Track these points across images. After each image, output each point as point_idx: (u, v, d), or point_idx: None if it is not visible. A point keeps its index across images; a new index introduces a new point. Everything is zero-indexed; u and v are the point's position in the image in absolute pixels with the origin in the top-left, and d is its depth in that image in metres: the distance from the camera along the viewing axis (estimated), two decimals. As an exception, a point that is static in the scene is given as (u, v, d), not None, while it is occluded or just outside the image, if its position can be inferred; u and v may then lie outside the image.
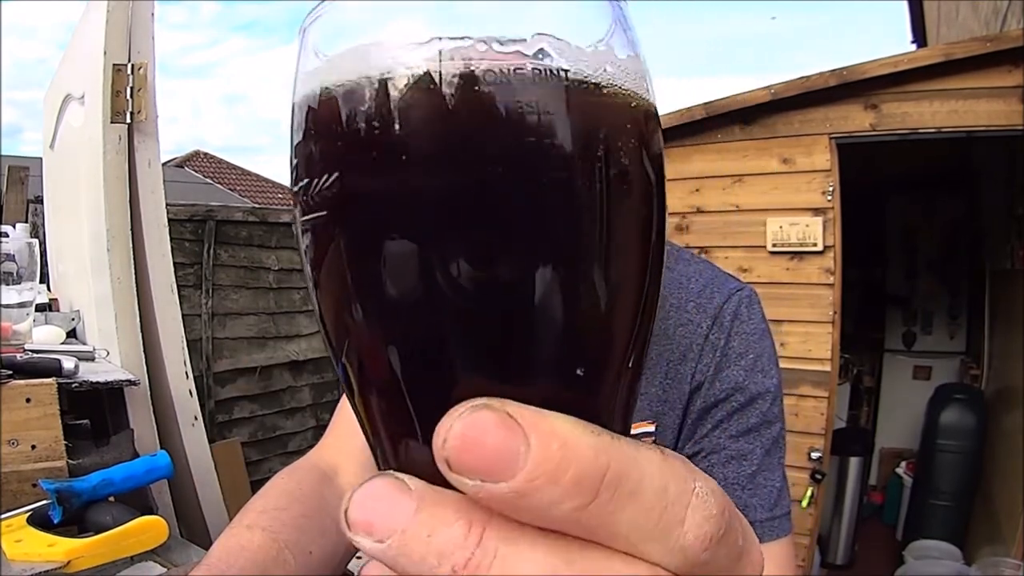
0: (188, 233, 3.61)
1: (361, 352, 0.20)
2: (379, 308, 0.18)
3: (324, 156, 0.18)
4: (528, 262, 0.17)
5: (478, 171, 0.17)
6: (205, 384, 3.64)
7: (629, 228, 0.19)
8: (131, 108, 1.62)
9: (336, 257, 0.19)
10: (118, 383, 1.46)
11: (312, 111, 0.19)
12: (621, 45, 0.19)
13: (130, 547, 1.00)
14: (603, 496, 0.16)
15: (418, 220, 0.17)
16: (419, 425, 0.19)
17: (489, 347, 0.18)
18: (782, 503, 0.76)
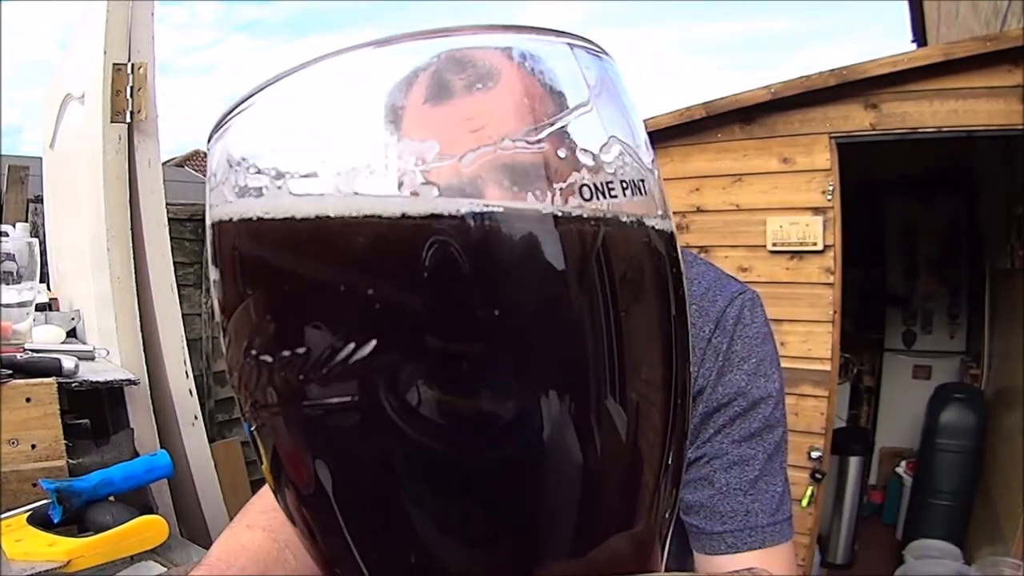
0: (188, 232, 3.61)
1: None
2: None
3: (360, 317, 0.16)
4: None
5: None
6: (205, 383, 3.64)
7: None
8: (131, 108, 1.62)
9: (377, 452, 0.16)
10: (118, 382, 1.45)
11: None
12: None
13: (130, 547, 1.00)
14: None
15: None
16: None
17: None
18: (783, 508, 0.76)
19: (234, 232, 0.17)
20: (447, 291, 0.15)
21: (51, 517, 0.99)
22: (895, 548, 3.66)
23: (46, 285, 2.25)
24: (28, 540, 0.94)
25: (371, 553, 0.16)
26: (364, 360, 0.14)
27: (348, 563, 0.16)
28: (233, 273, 0.18)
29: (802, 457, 2.68)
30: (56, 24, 60.01)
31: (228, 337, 0.19)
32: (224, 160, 0.19)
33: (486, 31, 0.16)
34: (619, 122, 0.18)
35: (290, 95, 0.18)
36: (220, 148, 0.19)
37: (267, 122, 0.18)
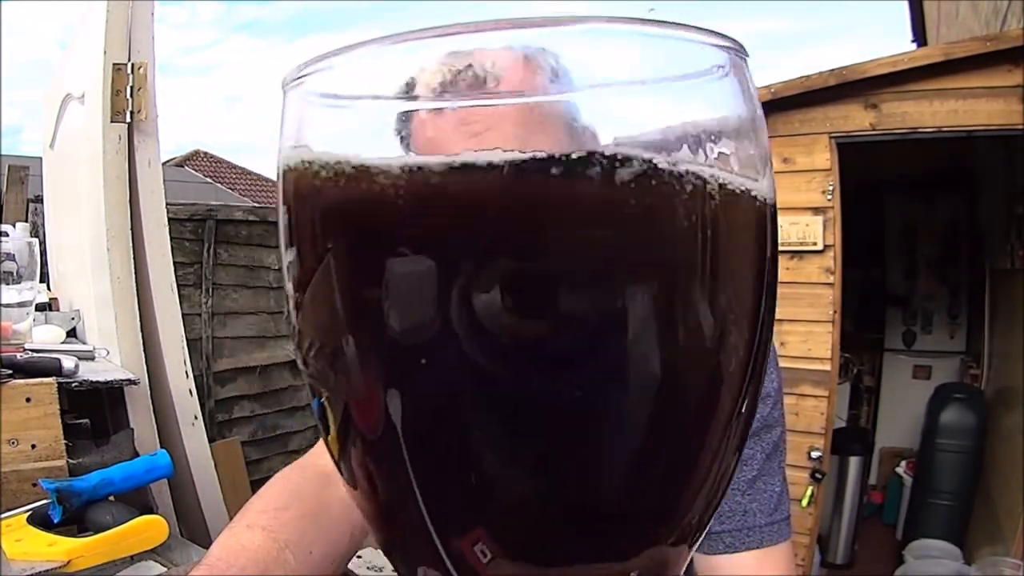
0: (188, 232, 3.61)
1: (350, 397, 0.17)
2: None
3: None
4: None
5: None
6: (205, 383, 3.64)
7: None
8: (131, 107, 1.62)
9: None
10: (118, 382, 1.45)
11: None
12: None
13: (130, 546, 1.00)
14: None
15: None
16: (424, 504, 0.16)
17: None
18: (782, 508, 0.76)
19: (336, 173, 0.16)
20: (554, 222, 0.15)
21: (51, 517, 0.99)
22: (895, 548, 3.66)
23: (46, 285, 2.25)
24: (28, 540, 0.94)
25: (436, 497, 0.16)
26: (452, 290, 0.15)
27: (411, 510, 0.16)
28: (314, 217, 0.18)
29: (802, 457, 2.68)
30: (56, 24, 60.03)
31: (301, 279, 0.17)
32: (305, 105, 0.18)
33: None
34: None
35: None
36: (302, 93, 0.18)
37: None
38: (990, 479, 3.34)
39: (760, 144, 0.17)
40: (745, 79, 0.17)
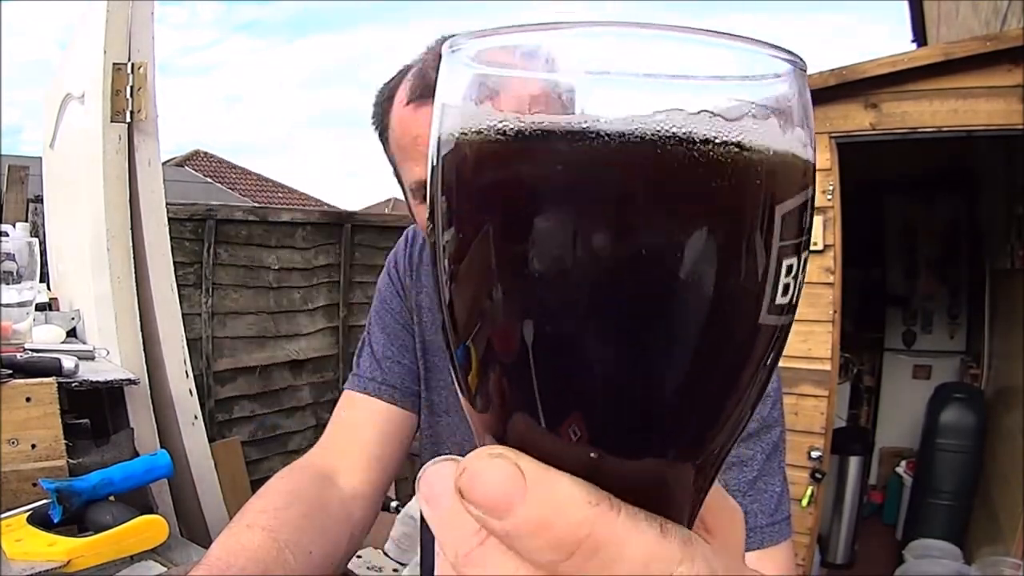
0: (188, 232, 3.61)
1: (494, 333, 0.20)
2: (522, 290, 0.20)
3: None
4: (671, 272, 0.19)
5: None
6: (205, 383, 3.64)
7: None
8: (131, 107, 1.62)
9: (485, 244, 0.20)
10: (118, 382, 1.46)
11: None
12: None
13: (130, 546, 1.00)
14: (576, 559, 0.18)
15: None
16: (541, 404, 0.20)
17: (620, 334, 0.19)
18: (782, 508, 0.76)
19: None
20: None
21: (51, 517, 0.99)
22: (895, 548, 3.66)
23: (46, 285, 2.25)
24: (28, 540, 0.94)
25: (551, 398, 0.20)
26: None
27: (530, 413, 0.20)
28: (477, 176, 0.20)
29: (802, 457, 2.68)
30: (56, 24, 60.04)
31: (453, 231, 0.21)
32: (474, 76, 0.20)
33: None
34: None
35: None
36: (472, 65, 0.21)
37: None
38: (990, 479, 3.34)
39: (809, 127, 0.21)
40: (804, 84, 0.21)
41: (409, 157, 0.75)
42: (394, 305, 0.98)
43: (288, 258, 4.07)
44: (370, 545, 2.79)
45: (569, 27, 0.19)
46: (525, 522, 0.18)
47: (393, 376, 0.93)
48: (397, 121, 0.76)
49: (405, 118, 0.74)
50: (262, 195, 14.15)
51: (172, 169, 12.20)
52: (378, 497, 0.89)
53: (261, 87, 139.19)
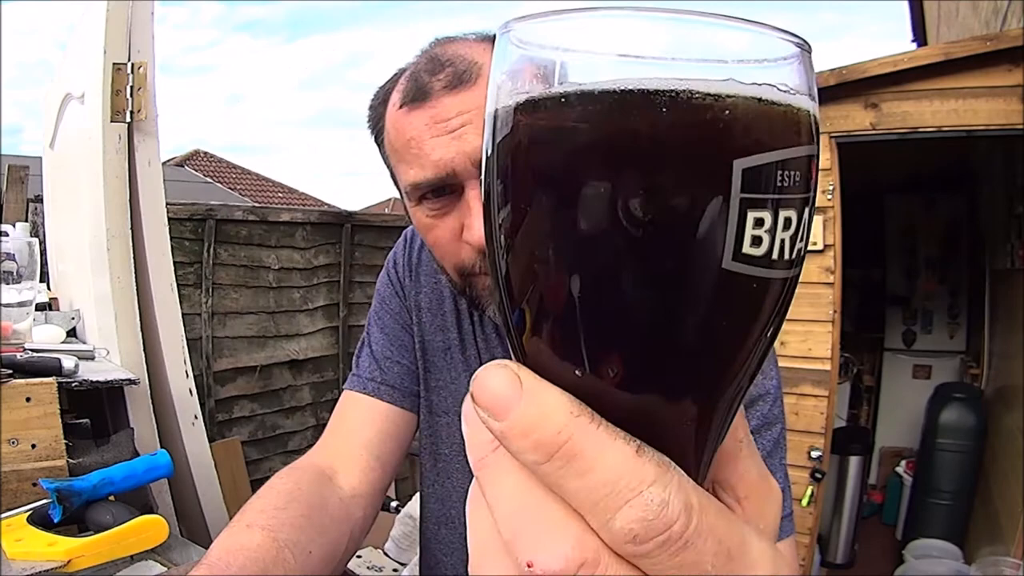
0: (188, 232, 3.61)
1: (546, 293, 0.23)
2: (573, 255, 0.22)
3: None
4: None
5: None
6: (205, 383, 3.64)
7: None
8: (131, 107, 1.62)
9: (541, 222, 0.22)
10: (118, 382, 1.46)
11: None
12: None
13: (130, 546, 1.00)
14: (554, 463, 0.21)
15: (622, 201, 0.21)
16: (586, 348, 0.22)
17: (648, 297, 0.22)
18: (784, 504, 0.76)
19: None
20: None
21: (51, 517, 0.99)
22: (895, 548, 3.66)
23: (46, 285, 2.25)
24: (28, 540, 0.94)
25: (594, 342, 0.22)
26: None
27: (576, 356, 0.22)
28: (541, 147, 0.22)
29: (802, 457, 2.68)
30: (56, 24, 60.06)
31: (512, 196, 0.23)
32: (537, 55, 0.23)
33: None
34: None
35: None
36: (519, 46, 0.23)
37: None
38: (990, 479, 3.34)
39: (815, 99, 0.23)
40: (809, 64, 0.23)
41: (404, 160, 0.75)
42: (393, 305, 0.98)
43: (288, 258, 4.07)
44: (370, 545, 2.79)
45: (609, 10, 0.21)
46: (515, 423, 0.21)
47: (392, 376, 0.93)
48: (392, 125, 0.76)
49: (399, 121, 0.74)
50: (262, 195, 14.16)
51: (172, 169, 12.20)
52: (378, 497, 0.89)
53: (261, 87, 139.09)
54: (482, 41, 0.75)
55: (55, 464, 1.17)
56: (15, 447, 1.15)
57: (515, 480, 0.22)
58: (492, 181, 0.23)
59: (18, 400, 1.17)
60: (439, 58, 0.72)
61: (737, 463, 0.26)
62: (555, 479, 0.21)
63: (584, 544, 0.20)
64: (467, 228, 0.71)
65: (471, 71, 0.70)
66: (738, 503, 0.26)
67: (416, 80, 0.72)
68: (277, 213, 4.16)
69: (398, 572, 2.66)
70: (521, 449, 0.21)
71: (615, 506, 0.20)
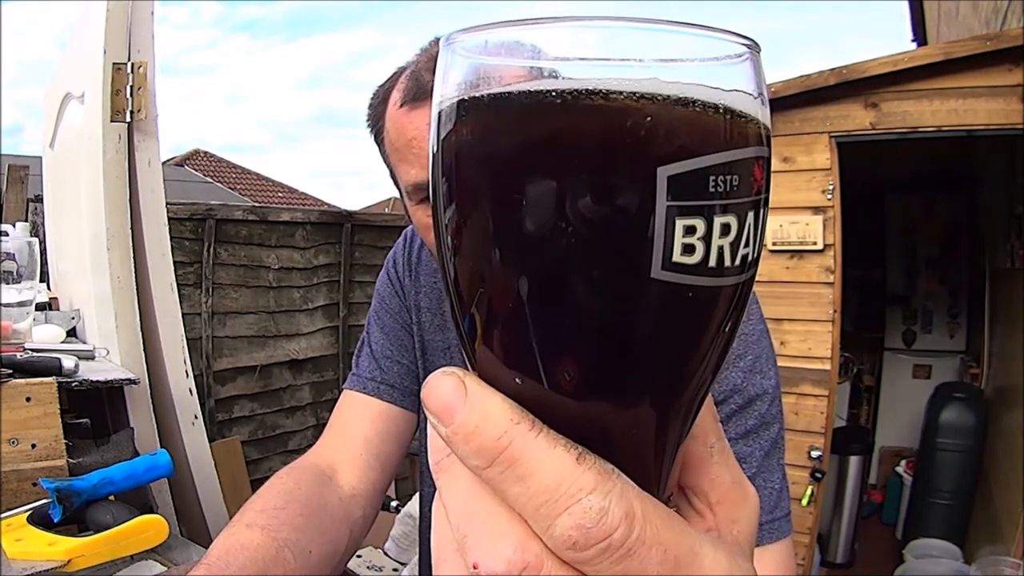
0: (188, 232, 3.61)
1: (482, 300, 0.23)
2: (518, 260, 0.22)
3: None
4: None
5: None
6: (205, 383, 3.64)
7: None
8: (131, 107, 1.62)
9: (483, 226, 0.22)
10: (118, 382, 1.46)
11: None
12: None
13: (130, 546, 1.00)
14: (495, 468, 0.21)
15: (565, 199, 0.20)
16: (539, 354, 0.22)
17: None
18: (782, 505, 0.76)
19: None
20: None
21: (51, 516, 0.99)
22: (895, 547, 3.66)
23: (46, 284, 2.25)
24: (28, 539, 0.94)
25: (546, 344, 0.22)
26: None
27: (529, 359, 0.22)
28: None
29: (802, 456, 2.68)
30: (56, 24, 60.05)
31: (459, 196, 0.23)
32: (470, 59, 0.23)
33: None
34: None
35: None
36: (464, 55, 0.23)
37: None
38: (990, 479, 3.34)
39: (765, 103, 0.23)
40: (756, 65, 0.23)
41: (404, 159, 0.75)
42: (393, 305, 0.98)
43: (288, 257, 4.07)
44: (370, 544, 2.79)
45: (549, 22, 0.21)
46: (459, 428, 0.21)
47: (392, 376, 0.93)
48: (392, 124, 0.76)
49: (400, 121, 0.74)
50: (262, 194, 14.15)
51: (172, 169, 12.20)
52: (378, 496, 0.89)
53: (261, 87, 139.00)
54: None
55: (55, 464, 1.17)
56: (15, 447, 1.15)
57: (465, 484, 0.22)
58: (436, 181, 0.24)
59: (18, 400, 1.18)
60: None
61: (708, 468, 0.26)
62: (497, 483, 0.21)
63: (527, 548, 0.21)
64: None
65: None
66: (709, 508, 0.26)
67: (417, 79, 0.72)
68: (277, 213, 4.16)
69: (398, 572, 2.66)
70: (465, 454, 0.22)
71: (555, 512, 0.20)
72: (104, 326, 1.67)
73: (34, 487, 1.10)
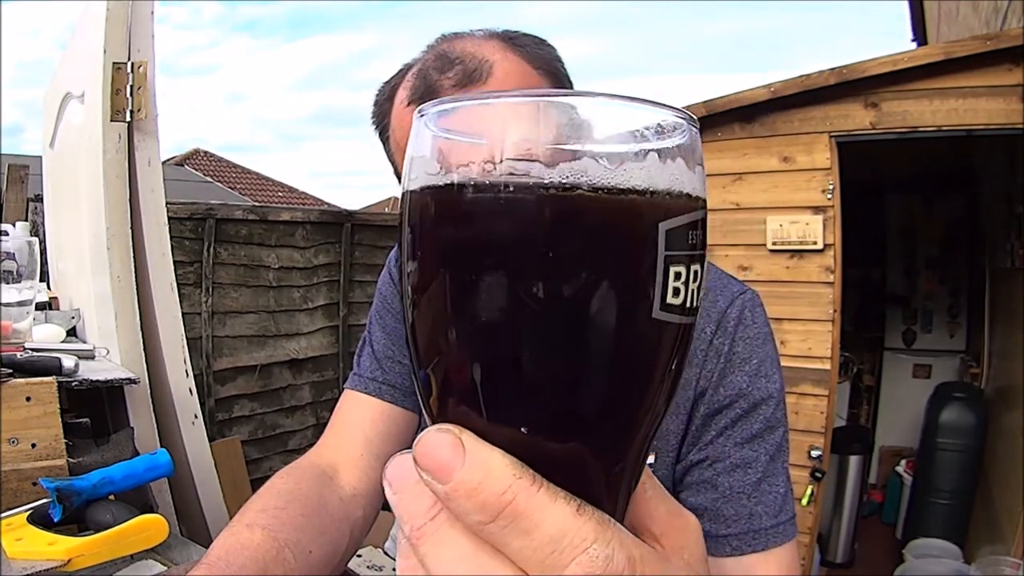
0: (188, 231, 3.61)
1: (449, 366, 0.24)
2: (472, 336, 0.24)
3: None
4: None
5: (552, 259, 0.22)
6: (205, 382, 3.64)
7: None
8: (131, 106, 1.62)
9: (442, 297, 0.24)
10: (118, 381, 1.45)
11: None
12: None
13: (130, 545, 1.00)
14: (499, 522, 0.21)
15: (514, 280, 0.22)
16: (484, 407, 0.24)
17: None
18: (786, 508, 0.76)
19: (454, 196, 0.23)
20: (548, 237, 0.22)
21: (51, 516, 0.99)
22: (895, 547, 3.66)
23: (46, 284, 2.25)
24: (28, 539, 0.94)
25: (493, 398, 0.23)
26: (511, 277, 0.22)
27: (476, 409, 0.24)
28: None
29: (802, 456, 2.68)
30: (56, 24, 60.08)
31: (420, 262, 0.25)
32: (434, 140, 0.25)
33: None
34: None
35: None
36: (431, 130, 0.25)
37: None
38: (990, 478, 3.34)
39: (699, 171, 0.26)
40: (695, 137, 0.26)
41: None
42: (395, 304, 0.98)
43: (288, 257, 4.07)
44: (370, 544, 2.79)
45: (509, 97, 0.23)
46: (460, 484, 0.22)
47: (394, 375, 0.93)
48: (398, 122, 0.76)
49: (406, 119, 0.73)
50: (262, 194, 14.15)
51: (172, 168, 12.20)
52: (378, 497, 0.89)
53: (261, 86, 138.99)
54: (490, 38, 0.74)
55: (55, 463, 1.17)
56: (15, 446, 1.15)
57: (461, 546, 0.22)
58: (406, 260, 0.25)
59: (18, 399, 1.17)
60: (448, 55, 0.71)
61: (645, 504, 0.27)
62: (500, 538, 0.21)
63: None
64: None
65: (481, 70, 0.69)
66: (657, 542, 0.26)
67: (425, 78, 0.71)
68: (277, 212, 4.16)
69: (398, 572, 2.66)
70: (466, 510, 0.22)
71: (562, 563, 0.21)
72: (104, 326, 1.67)
73: (34, 487, 1.10)
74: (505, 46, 0.73)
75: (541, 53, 0.75)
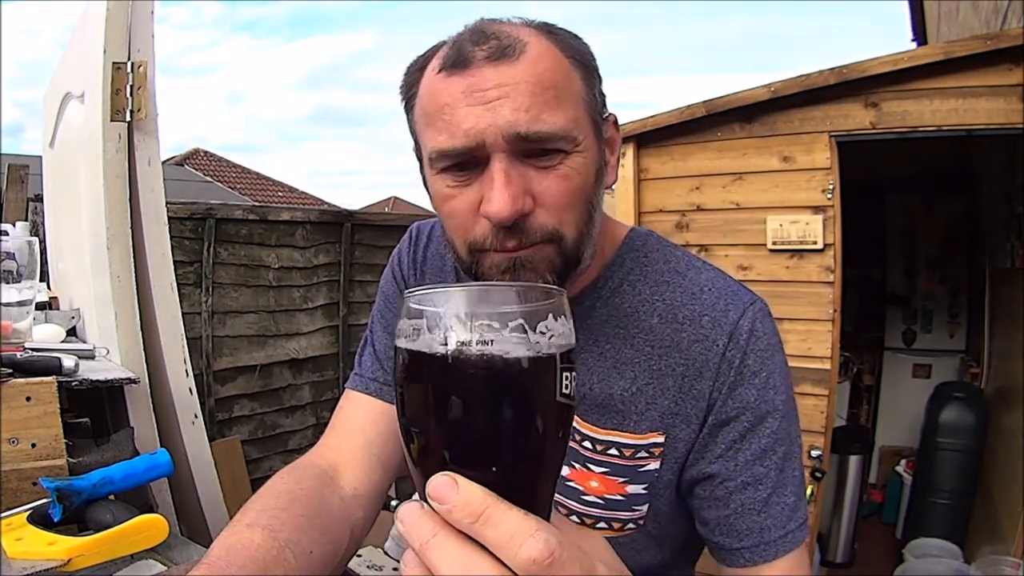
0: (188, 231, 3.61)
1: (427, 453, 0.40)
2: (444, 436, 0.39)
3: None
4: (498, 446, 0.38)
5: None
6: (205, 382, 3.64)
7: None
8: (131, 106, 1.62)
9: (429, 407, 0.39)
10: (118, 381, 1.45)
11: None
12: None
13: (130, 545, 1.00)
14: (479, 523, 0.35)
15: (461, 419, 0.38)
16: (490, 459, 0.38)
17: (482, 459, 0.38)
18: (796, 515, 0.76)
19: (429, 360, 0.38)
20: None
21: (51, 516, 0.99)
22: (895, 547, 3.66)
23: (46, 284, 2.25)
24: (28, 539, 0.94)
25: (458, 456, 0.38)
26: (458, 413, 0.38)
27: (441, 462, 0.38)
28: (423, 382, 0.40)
29: (802, 456, 2.68)
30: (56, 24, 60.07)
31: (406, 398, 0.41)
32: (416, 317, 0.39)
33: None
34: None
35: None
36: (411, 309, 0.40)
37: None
38: (990, 478, 3.34)
39: (568, 330, 0.41)
40: (565, 304, 0.41)
41: (433, 125, 0.72)
42: (397, 303, 0.98)
43: (288, 257, 4.07)
44: (370, 544, 2.79)
45: (456, 289, 0.39)
46: (458, 502, 0.35)
47: (394, 376, 0.93)
48: (426, 89, 0.74)
49: (435, 85, 0.72)
50: (262, 194, 14.16)
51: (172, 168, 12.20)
52: (379, 496, 0.89)
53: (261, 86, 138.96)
54: (528, 25, 0.75)
55: (55, 463, 1.17)
56: (15, 446, 1.15)
57: (458, 548, 0.35)
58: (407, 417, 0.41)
59: (18, 399, 1.17)
60: (484, 31, 0.71)
61: (561, 523, 0.40)
62: (480, 532, 0.35)
63: (504, 571, 0.35)
64: (486, 200, 0.69)
65: (515, 47, 0.69)
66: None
67: (459, 48, 0.71)
68: (277, 212, 4.15)
69: (398, 571, 2.66)
70: (461, 517, 0.35)
71: (519, 543, 0.34)
72: (104, 326, 1.67)
73: (34, 486, 1.10)
74: (540, 32, 0.73)
75: (575, 44, 0.75)
